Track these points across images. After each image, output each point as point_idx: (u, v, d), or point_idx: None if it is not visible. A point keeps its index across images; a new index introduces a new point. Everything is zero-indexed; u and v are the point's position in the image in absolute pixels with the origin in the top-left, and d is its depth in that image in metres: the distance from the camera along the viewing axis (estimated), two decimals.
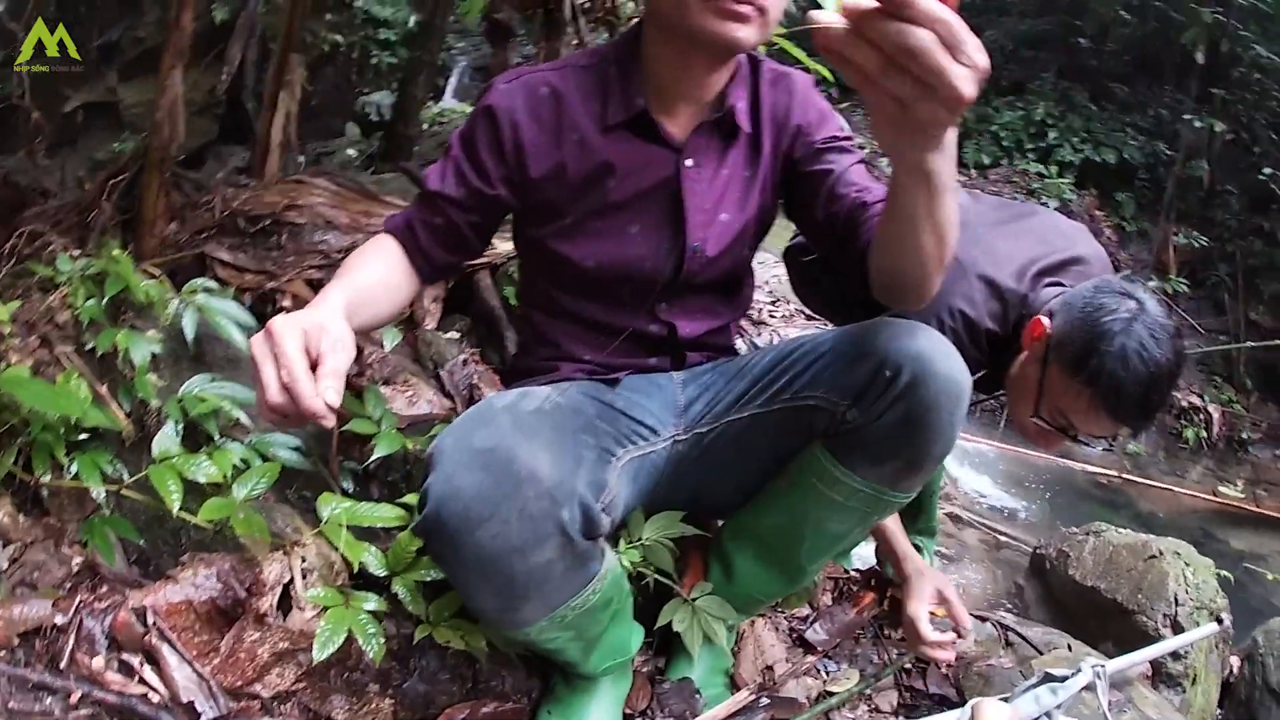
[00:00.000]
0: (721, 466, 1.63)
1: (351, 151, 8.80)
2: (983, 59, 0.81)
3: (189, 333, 1.85)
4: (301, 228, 2.60)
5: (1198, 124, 8.53)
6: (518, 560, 1.23)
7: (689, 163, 1.52)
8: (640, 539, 1.63)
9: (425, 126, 8.58)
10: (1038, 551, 2.81)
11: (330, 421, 1.08)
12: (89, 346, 1.82)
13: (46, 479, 1.65)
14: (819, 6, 0.82)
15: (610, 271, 1.55)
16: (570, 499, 1.24)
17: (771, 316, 5.02)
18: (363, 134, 9.60)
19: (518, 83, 1.52)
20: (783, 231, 1.83)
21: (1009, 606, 2.91)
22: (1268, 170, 8.32)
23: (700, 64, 1.45)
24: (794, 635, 1.98)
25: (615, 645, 1.57)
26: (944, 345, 1.38)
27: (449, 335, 2.49)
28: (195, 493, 1.57)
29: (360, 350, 2.14)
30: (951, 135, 0.98)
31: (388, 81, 9.89)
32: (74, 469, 1.64)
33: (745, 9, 1.29)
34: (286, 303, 2.35)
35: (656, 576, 1.66)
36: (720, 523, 1.80)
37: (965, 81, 0.80)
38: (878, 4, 0.77)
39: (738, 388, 1.59)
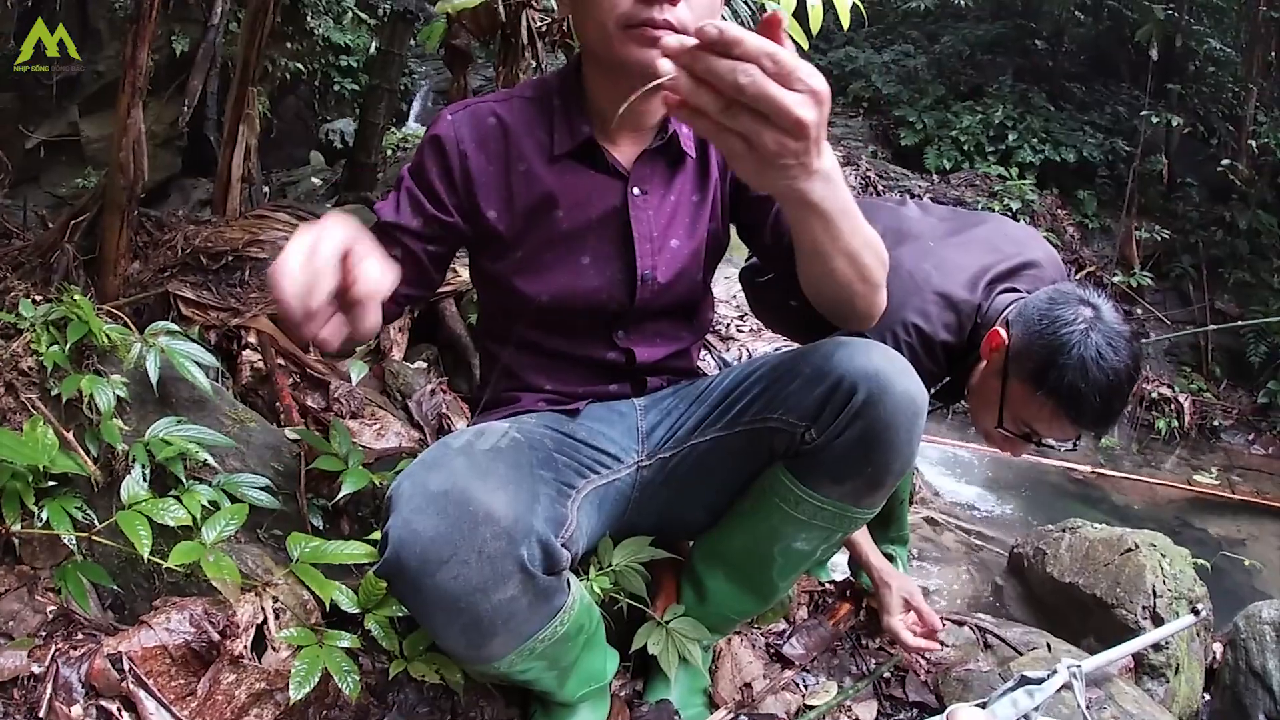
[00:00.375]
0: (687, 490, 1.63)
1: (316, 180, 8.74)
2: (818, 83, 0.85)
3: (153, 375, 1.84)
4: (264, 263, 2.61)
5: (1155, 119, 8.62)
6: (480, 599, 1.23)
7: (636, 190, 1.52)
8: (610, 565, 1.64)
9: (390, 152, 8.53)
10: (1015, 550, 2.82)
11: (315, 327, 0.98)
12: (54, 393, 1.81)
13: (17, 527, 1.64)
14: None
15: (565, 303, 1.54)
16: (528, 537, 1.25)
17: (739, 331, 5.04)
18: (326, 162, 9.57)
19: (464, 113, 1.52)
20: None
21: (994, 603, 2.92)
22: (1226, 161, 8.43)
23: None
24: (771, 650, 1.98)
25: (590, 672, 1.57)
26: (899, 362, 1.39)
27: (416, 365, 2.50)
28: (166, 535, 1.57)
29: (326, 385, 2.15)
30: (828, 161, 0.99)
31: (350, 108, 9.87)
32: (44, 516, 1.63)
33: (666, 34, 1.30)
34: (251, 339, 2.36)
35: (629, 601, 1.67)
36: (692, 544, 1.80)
37: (802, 106, 0.85)
38: (697, 40, 0.83)
39: (698, 412, 1.60)
